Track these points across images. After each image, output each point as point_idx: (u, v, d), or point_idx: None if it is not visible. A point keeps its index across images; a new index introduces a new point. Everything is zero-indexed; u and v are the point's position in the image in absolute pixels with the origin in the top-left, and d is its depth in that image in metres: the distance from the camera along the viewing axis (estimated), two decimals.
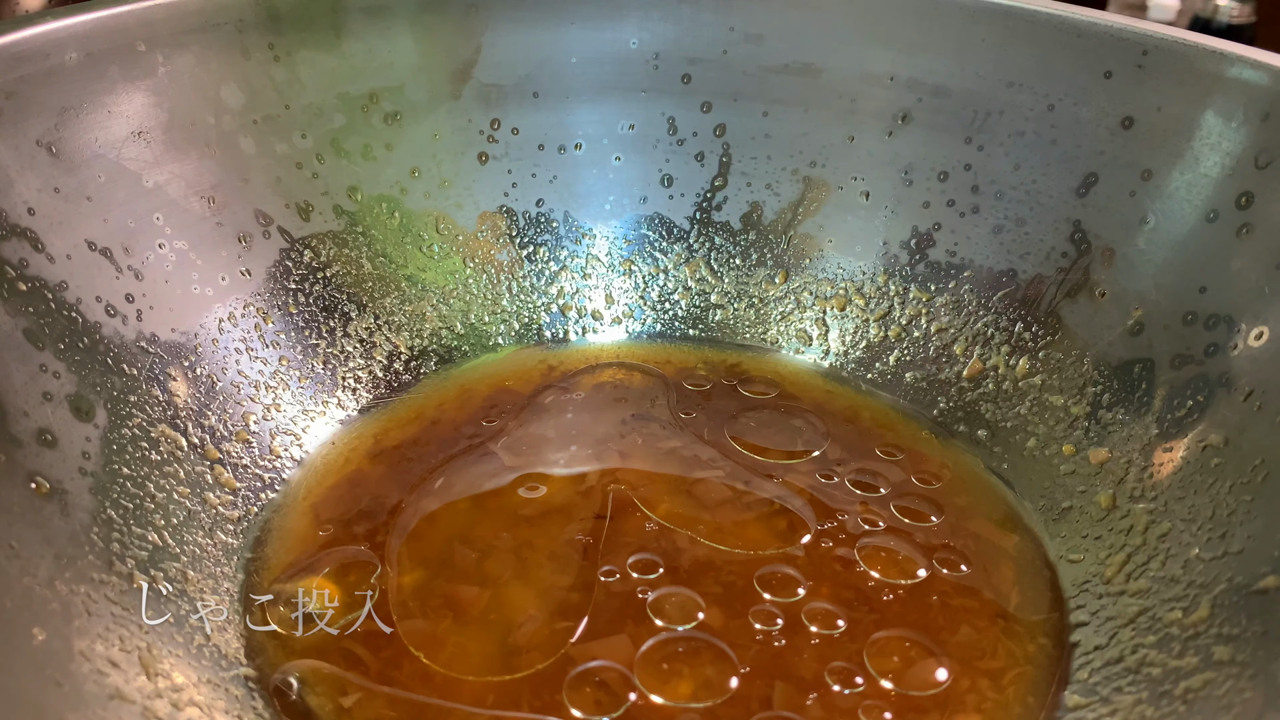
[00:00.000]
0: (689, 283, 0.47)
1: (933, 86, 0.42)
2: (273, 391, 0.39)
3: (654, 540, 0.34)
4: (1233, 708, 0.25)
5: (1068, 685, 0.30)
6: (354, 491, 0.37)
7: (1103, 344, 0.37)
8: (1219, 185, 0.34)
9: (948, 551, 0.34)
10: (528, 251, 0.46)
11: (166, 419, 0.34)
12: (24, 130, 0.32)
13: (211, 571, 0.32)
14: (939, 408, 0.41)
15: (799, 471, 0.38)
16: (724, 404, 0.42)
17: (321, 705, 0.28)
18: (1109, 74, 0.37)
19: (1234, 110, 0.34)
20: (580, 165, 0.47)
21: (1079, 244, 0.39)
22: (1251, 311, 0.32)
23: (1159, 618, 0.29)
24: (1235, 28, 0.74)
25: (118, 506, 0.30)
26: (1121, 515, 0.34)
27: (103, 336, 0.33)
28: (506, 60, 0.44)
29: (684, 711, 0.28)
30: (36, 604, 0.25)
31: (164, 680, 0.27)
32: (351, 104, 0.42)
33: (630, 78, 0.46)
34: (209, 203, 0.38)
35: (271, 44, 0.40)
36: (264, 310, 0.39)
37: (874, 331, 0.44)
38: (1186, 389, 0.33)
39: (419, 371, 0.43)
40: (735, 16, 0.44)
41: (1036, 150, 0.39)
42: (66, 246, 0.33)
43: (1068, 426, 0.37)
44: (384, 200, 0.43)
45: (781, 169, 0.46)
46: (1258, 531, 0.29)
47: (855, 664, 0.30)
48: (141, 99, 0.36)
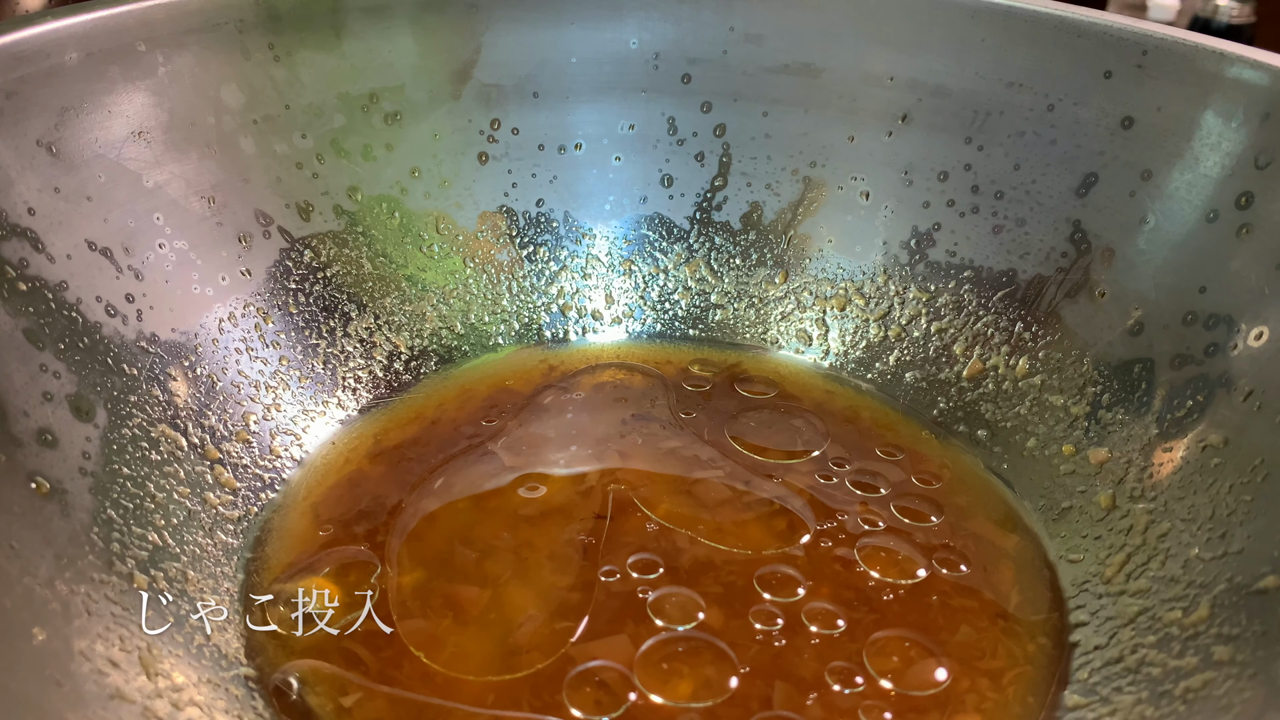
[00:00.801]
0: (689, 283, 0.47)
1: (933, 86, 0.42)
2: (273, 391, 0.39)
3: (654, 540, 0.34)
4: (1233, 708, 0.25)
5: (1068, 685, 0.30)
6: (354, 491, 0.37)
7: (1103, 344, 0.37)
8: (1219, 185, 0.34)
9: (948, 551, 0.34)
10: (528, 251, 0.46)
11: (166, 419, 0.34)
12: (24, 130, 0.32)
13: (211, 571, 0.32)
14: (939, 408, 0.41)
15: (799, 471, 0.38)
16: (724, 404, 0.42)
17: (321, 705, 0.28)
18: (1109, 74, 0.37)
19: (1234, 110, 0.34)
20: (580, 165, 0.47)
21: (1079, 244, 0.39)
22: (1251, 311, 0.32)
23: (1159, 618, 0.29)
24: (1235, 28, 0.74)
25: (118, 506, 0.30)
26: (1121, 515, 0.34)
27: (103, 336, 0.33)
28: (506, 60, 0.44)
29: (684, 711, 0.28)
30: (36, 604, 0.25)
31: (164, 680, 0.27)
32: (351, 104, 0.42)
33: (630, 78, 0.46)
34: (209, 203, 0.38)
35: (271, 44, 0.40)
36: (264, 310, 0.39)
37: (874, 331, 0.44)
38: (1186, 389, 0.33)
39: (419, 371, 0.43)
40: (735, 16, 0.44)
41: (1036, 150, 0.39)
42: (67, 246, 0.33)
43: (1068, 426, 0.37)
44: (384, 200, 0.43)
45: (781, 169, 0.46)
46: (1258, 531, 0.29)
47: (855, 664, 0.30)
48: (141, 99, 0.36)
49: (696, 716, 0.28)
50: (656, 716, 0.28)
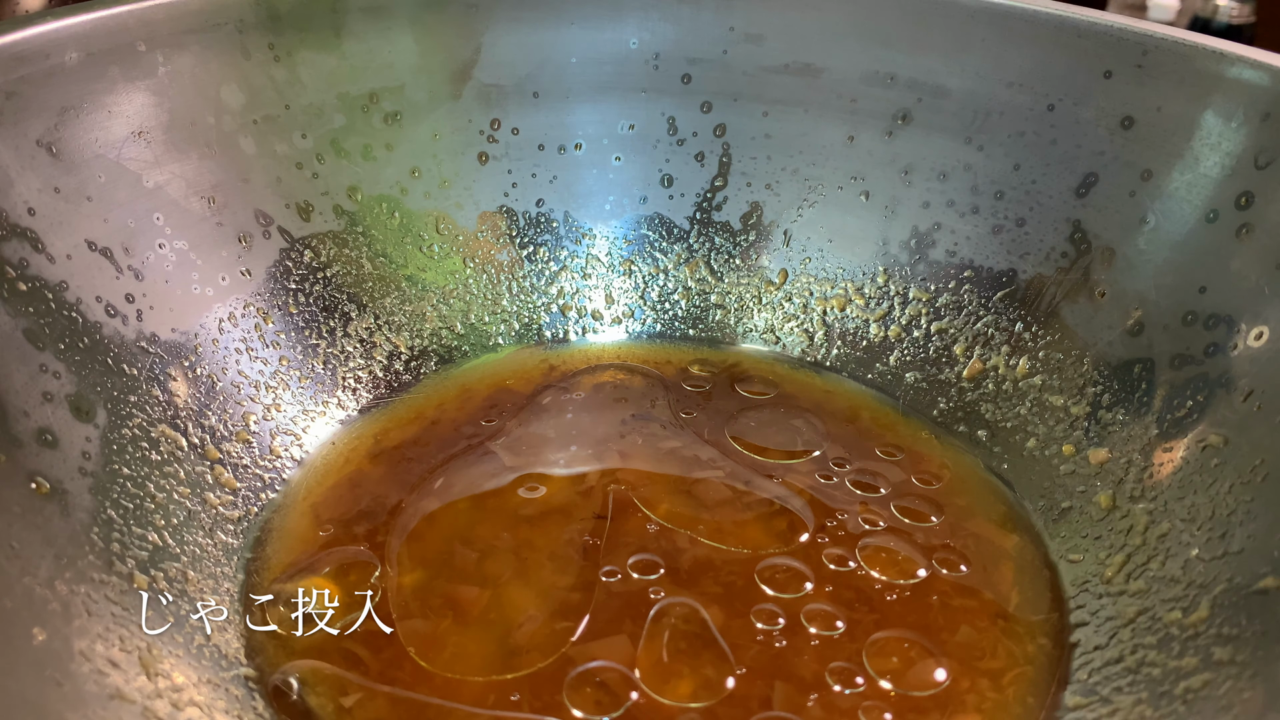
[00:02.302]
0: (689, 283, 0.47)
1: (933, 86, 0.42)
2: (273, 391, 0.39)
3: (654, 540, 0.34)
4: (1232, 708, 0.25)
5: (1068, 685, 0.30)
6: (354, 491, 0.37)
7: (1103, 344, 0.37)
8: (1219, 185, 0.34)
9: (948, 551, 0.34)
10: (528, 251, 0.46)
11: (166, 419, 0.34)
12: (24, 130, 0.32)
13: (211, 571, 0.32)
14: (939, 408, 0.41)
15: (799, 471, 0.38)
16: (724, 404, 0.42)
17: (321, 705, 0.28)
18: (1109, 74, 0.37)
19: (1234, 110, 0.34)
20: (580, 165, 0.47)
21: (1079, 244, 0.39)
22: (1251, 311, 0.32)
23: (1159, 618, 0.29)
24: (1235, 28, 0.74)
25: (118, 506, 0.30)
26: (1121, 515, 0.34)
27: (103, 336, 0.33)
28: (506, 60, 0.44)
29: (684, 711, 0.28)
30: (36, 604, 0.25)
31: (164, 680, 0.27)
32: (351, 104, 0.42)
33: (630, 78, 0.46)
34: (209, 203, 0.38)
35: (271, 44, 0.40)
36: (264, 310, 0.39)
37: (874, 331, 0.44)
38: (1186, 389, 0.33)
39: (419, 371, 0.43)
40: (735, 16, 0.44)
41: (1036, 150, 0.39)
42: (66, 246, 0.33)
43: (1068, 427, 0.37)
44: (384, 200, 0.43)
45: (781, 169, 0.46)
46: (1258, 531, 0.29)
47: (855, 664, 0.30)
48: (141, 99, 0.36)
49: (696, 716, 0.28)
50: (657, 716, 0.28)
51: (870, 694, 0.29)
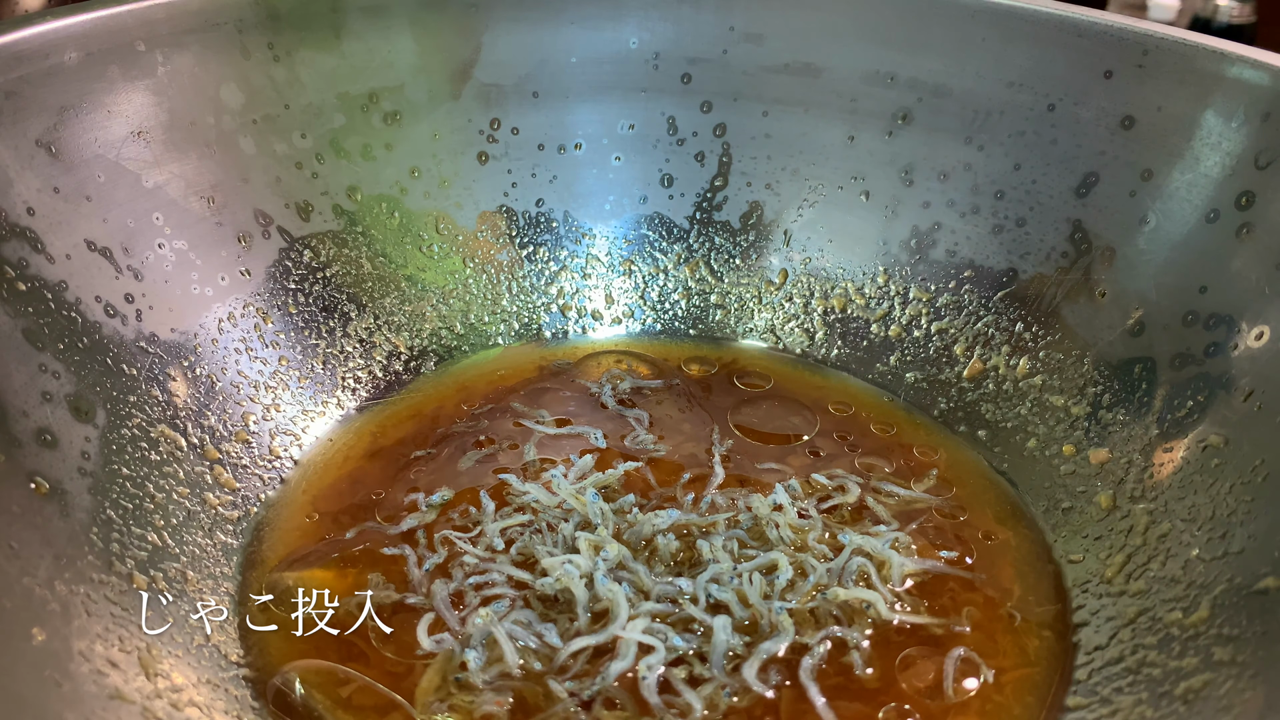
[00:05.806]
0: (689, 282, 0.47)
1: (933, 86, 0.42)
2: (272, 391, 0.39)
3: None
4: (1233, 708, 0.25)
5: (1068, 685, 0.30)
6: (353, 490, 0.37)
7: (1103, 344, 0.37)
8: (1219, 185, 0.34)
9: (950, 550, 0.34)
10: (528, 251, 0.46)
11: (166, 419, 0.34)
12: (24, 130, 0.32)
13: (211, 571, 0.32)
14: (939, 408, 0.41)
15: (795, 467, 0.38)
16: (723, 401, 0.42)
17: (321, 705, 0.28)
18: (1109, 74, 0.37)
19: (1234, 110, 0.34)
20: (580, 165, 0.47)
21: (1079, 244, 0.39)
22: (1251, 311, 0.32)
23: (1159, 618, 0.29)
24: (1235, 28, 0.74)
25: (117, 506, 0.30)
26: (1122, 515, 0.34)
27: (103, 336, 0.33)
28: (506, 60, 0.44)
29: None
30: (36, 604, 0.25)
31: (163, 680, 0.27)
32: (351, 104, 0.42)
33: (630, 78, 0.46)
34: (209, 203, 0.38)
35: (271, 44, 0.40)
36: (264, 310, 0.39)
37: (874, 331, 0.44)
38: (1187, 389, 0.33)
39: (418, 371, 0.43)
40: (735, 16, 0.44)
41: (1036, 150, 0.39)
42: (66, 246, 0.33)
43: (1068, 427, 0.37)
44: (384, 200, 0.43)
45: (781, 169, 0.46)
46: (1258, 531, 0.29)
47: (854, 663, 0.30)
48: (141, 99, 0.36)
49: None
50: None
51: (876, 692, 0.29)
